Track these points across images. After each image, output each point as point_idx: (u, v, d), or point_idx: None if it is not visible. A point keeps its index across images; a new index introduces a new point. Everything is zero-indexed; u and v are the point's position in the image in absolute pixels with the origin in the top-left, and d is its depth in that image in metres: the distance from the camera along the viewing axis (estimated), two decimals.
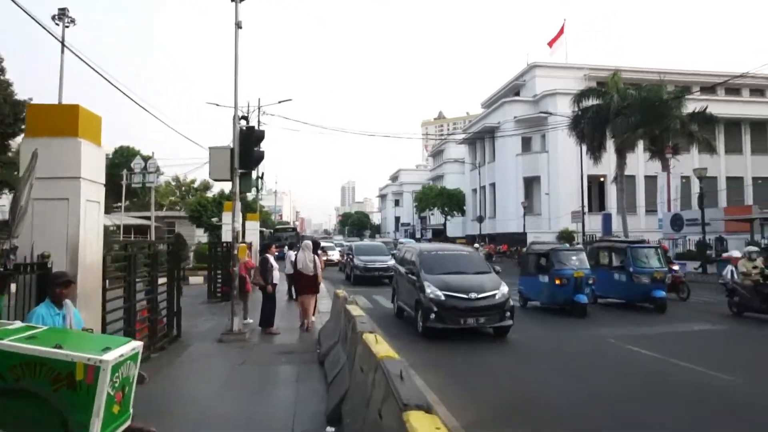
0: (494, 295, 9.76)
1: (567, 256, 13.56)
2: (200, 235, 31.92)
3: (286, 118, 58.11)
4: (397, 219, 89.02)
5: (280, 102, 32.86)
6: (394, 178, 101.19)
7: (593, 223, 35.31)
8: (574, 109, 31.06)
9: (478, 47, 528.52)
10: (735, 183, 42.47)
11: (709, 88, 38.14)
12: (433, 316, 9.56)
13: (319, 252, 13.95)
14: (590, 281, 12.91)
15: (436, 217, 64.52)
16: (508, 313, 9.82)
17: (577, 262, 13.32)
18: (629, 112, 27.45)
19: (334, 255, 32.14)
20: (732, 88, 44.24)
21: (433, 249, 12.33)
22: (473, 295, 9.62)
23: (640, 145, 31.29)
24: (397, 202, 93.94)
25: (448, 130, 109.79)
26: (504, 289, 10.00)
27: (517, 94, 49.30)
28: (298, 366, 7.59)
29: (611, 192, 39.53)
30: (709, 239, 23.80)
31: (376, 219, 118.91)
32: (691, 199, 38.05)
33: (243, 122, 10.04)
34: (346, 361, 5.82)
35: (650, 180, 38.96)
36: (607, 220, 33.41)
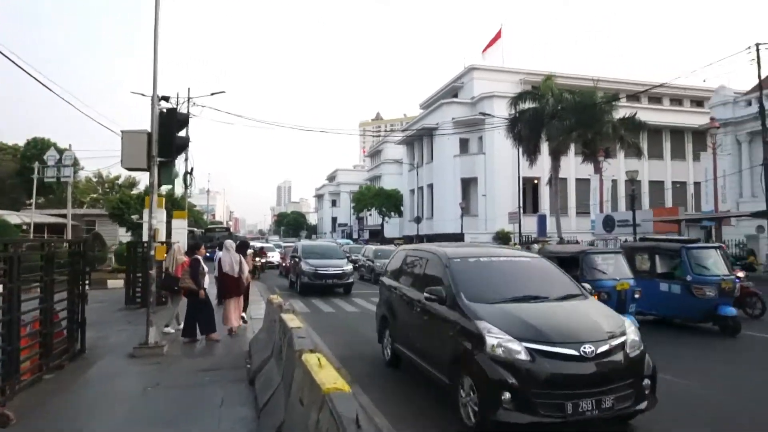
0: (621, 345, 4.99)
1: (602, 261, 10.32)
2: (123, 235, 29.67)
3: (218, 110, 55.60)
4: (334, 219, 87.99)
5: (212, 94, 30.81)
6: (332, 178, 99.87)
7: (528, 225, 36.00)
8: (511, 112, 31.54)
9: (415, 51, 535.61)
10: (656, 187, 44.88)
11: (633, 96, 40.29)
12: (507, 396, 4.57)
13: (249, 252, 12.85)
14: (636, 295, 9.83)
15: (373, 218, 63.94)
16: (646, 381, 5.03)
17: (615, 269, 10.12)
18: (564, 115, 28.12)
19: (275, 257, 30.40)
20: (654, 97, 46.89)
21: (471, 254, 6.69)
22: (587, 349, 4.77)
23: (572, 149, 32.27)
24: (334, 203, 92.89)
25: (386, 131, 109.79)
26: (631, 331, 5.24)
27: (456, 95, 49.69)
28: (223, 386, 6.49)
29: (545, 194, 40.60)
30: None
31: (312, 219, 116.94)
32: (618, 201, 39.82)
33: (164, 103, 8.73)
34: (281, 383, 4.85)
35: (581, 183, 40.28)
36: (542, 221, 34.06)
